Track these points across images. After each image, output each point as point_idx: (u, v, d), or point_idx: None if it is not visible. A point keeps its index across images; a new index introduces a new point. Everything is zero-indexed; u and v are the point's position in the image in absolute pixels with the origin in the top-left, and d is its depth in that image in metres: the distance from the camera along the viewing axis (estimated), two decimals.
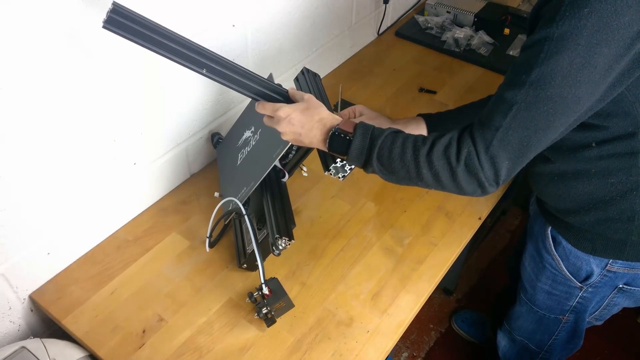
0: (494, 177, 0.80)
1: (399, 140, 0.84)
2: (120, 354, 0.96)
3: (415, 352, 1.85)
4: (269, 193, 1.03)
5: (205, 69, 0.85)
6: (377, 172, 0.88)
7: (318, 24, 1.47)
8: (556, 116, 0.77)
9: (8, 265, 0.98)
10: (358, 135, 0.86)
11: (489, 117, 0.79)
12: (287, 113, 0.89)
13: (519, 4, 1.86)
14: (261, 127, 1.03)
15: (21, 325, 1.07)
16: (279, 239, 0.92)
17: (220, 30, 1.15)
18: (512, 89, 0.77)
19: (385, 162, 0.85)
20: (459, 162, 0.80)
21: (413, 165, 0.83)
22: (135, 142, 1.10)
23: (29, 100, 0.86)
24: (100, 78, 0.95)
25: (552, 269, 1.10)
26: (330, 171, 0.94)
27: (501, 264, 2.08)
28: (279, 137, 0.93)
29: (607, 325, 1.92)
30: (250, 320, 1.01)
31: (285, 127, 0.89)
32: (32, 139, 0.90)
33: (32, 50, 0.82)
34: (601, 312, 1.16)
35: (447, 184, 0.82)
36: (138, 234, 1.16)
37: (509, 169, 0.80)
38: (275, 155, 0.96)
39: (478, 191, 0.82)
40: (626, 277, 1.03)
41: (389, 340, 0.99)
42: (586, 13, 0.70)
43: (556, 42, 0.72)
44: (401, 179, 0.87)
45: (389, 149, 0.84)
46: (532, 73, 0.74)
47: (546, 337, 1.28)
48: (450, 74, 1.65)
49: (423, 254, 1.13)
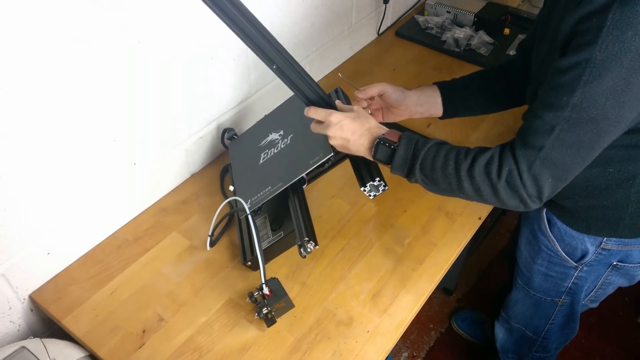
0: (537, 195, 0.82)
1: (442, 153, 0.87)
2: (120, 354, 0.96)
3: (415, 352, 1.85)
4: (296, 197, 1.04)
5: (276, 65, 0.87)
6: (419, 182, 0.90)
7: (318, 24, 1.47)
8: (600, 136, 0.78)
9: (8, 265, 0.98)
10: (402, 145, 0.89)
11: (530, 137, 0.80)
12: (339, 119, 0.92)
13: (519, 4, 1.86)
14: (294, 132, 1.06)
15: (21, 325, 1.07)
16: (308, 241, 0.94)
17: (220, 30, 1.15)
18: (553, 111, 0.77)
19: (428, 173, 0.88)
20: (499, 178, 0.82)
21: (455, 178, 0.85)
22: (135, 142, 1.10)
23: (29, 100, 0.86)
24: (100, 78, 0.95)
25: (547, 250, 1.12)
26: (365, 188, 0.97)
27: (501, 264, 2.08)
28: (316, 145, 0.98)
29: (607, 325, 1.93)
30: (250, 320, 1.01)
31: (336, 132, 0.92)
32: (32, 139, 0.90)
33: (32, 50, 0.82)
34: (596, 292, 1.19)
35: (489, 198, 0.85)
36: (138, 234, 1.16)
37: (552, 186, 0.82)
38: (313, 162, 0.99)
39: (521, 206, 0.85)
40: (620, 254, 1.06)
41: (389, 340, 0.99)
42: (630, 36, 0.70)
43: (599, 65, 0.72)
44: (443, 190, 0.89)
45: (431, 160, 0.87)
46: (574, 96, 0.75)
47: (543, 322, 1.30)
48: (450, 74, 1.65)
49: (423, 254, 1.13)
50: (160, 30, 1.01)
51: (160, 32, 1.01)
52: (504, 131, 1.43)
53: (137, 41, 0.98)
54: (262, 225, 1.08)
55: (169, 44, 1.05)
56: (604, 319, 1.96)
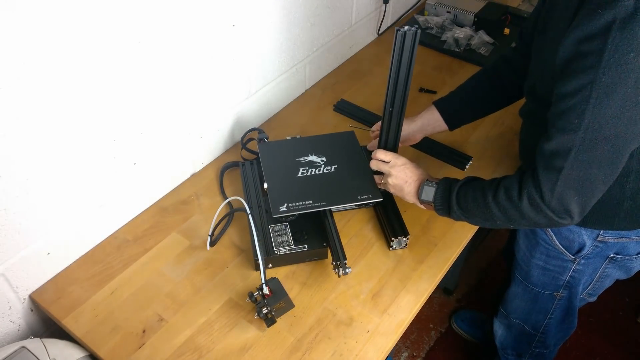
0: (565, 212, 0.86)
1: (471, 186, 0.96)
2: (120, 354, 0.96)
3: (415, 352, 1.85)
4: (331, 219, 1.11)
5: (392, 109, 1.06)
6: (462, 218, 0.98)
7: (318, 24, 1.47)
8: (618, 152, 0.80)
9: (8, 265, 0.98)
10: (441, 184, 1.00)
11: (550, 160, 0.84)
12: (404, 162, 1.07)
13: (519, 4, 1.87)
14: (338, 164, 1.19)
15: (21, 325, 1.07)
16: (346, 263, 1.01)
17: (221, 30, 1.15)
18: (566, 134, 0.80)
19: (464, 207, 0.96)
20: (520, 200, 0.88)
21: (484, 207, 0.93)
22: (135, 142, 1.10)
23: (29, 100, 0.86)
24: (101, 78, 0.95)
25: (545, 244, 1.15)
26: (392, 247, 1.13)
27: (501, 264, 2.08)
28: (366, 185, 1.14)
29: (607, 325, 1.93)
30: (250, 320, 1.01)
31: (399, 173, 1.06)
32: (32, 139, 0.90)
33: (31, 51, 0.82)
34: (594, 285, 1.21)
35: (520, 220, 0.90)
36: (138, 234, 1.16)
37: (580, 203, 0.85)
38: (361, 198, 1.13)
39: (552, 224, 0.89)
40: (616, 247, 1.09)
41: (389, 340, 0.99)
42: (632, 58, 0.72)
43: (605, 87, 0.74)
44: (481, 221, 0.97)
45: (464, 194, 0.96)
46: (584, 118, 0.77)
47: (541, 316, 1.32)
48: (450, 73, 1.65)
49: (423, 254, 1.13)
50: (160, 30, 1.01)
51: (160, 32, 1.01)
52: (504, 131, 1.43)
53: (137, 41, 0.98)
54: (282, 231, 1.11)
55: (169, 44, 1.05)
56: (604, 319, 1.96)
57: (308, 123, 1.46)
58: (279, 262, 1.09)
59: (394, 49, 0.97)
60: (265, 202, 1.16)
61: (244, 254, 1.12)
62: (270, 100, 1.45)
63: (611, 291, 1.31)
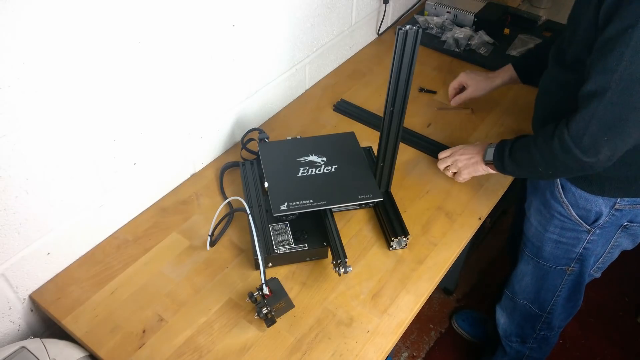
0: (592, 150, 0.91)
1: (523, 138, 1.07)
2: (120, 354, 0.96)
3: (415, 352, 1.85)
4: (331, 219, 1.12)
5: (392, 109, 1.10)
6: (515, 171, 1.10)
7: (318, 24, 1.47)
8: None
9: (8, 265, 0.98)
10: (498, 143, 1.13)
11: (586, 101, 0.89)
12: (461, 146, 1.24)
13: (519, 4, 1.87)
14: (339, 165, 1.21)
15: (21, 325, 1.07)
16: (346, 262, 1.02)
17: (221, 30, 1.15)
18: (604, 75, 0.84)
19: (513, 157, 1.07)
20: (552, 138, 0.96)
21: (527, 152, 1.03)
22: (135, 142, 1.10)
23: (29, 100, 0.86)
24: (101, 78, 0.95)
25: (560, 217, 1.17)
26: (392, 247, 1.13)
27: (501, 264, 2.08)
28: (367, 186, 1.15)
29: (607, 325, 1.93)
30: (250, 320, 1.01)
31: (462, 156, 1.20)
32: (32, 139, 0.90)
33: (31, 51, 0.82)
34: (604, 258, 1.23)
35: (551, 162, 0.98)
36: (138, 234, 1.16)
37: (610, 146, 0.90)
38: (362, 198, 1.14)
39: (580, 165, 0.94)
40: (630, 214, 1.12)
41: (389, 340, 0.99)
42: None
43: None
44: (526, 169, 1.07)
45: (518, 146, 1.07)
46: (622, 60, 0.82)
47: (549, 294, 1.33)
48: (450, 74, 1.65)
49: (423, 254, 1.13)
50: (160, 30, 1.01)
51: (160, 32, 1.01)
52: (504, 131, 1.43)
53: (137, 41, 0.98)
54: (282, 231, 1.11)
55: (169, 44, 1.05)
56: (604, 319, 1.96)
57: (308, 123, 1.46)
58: (279, 261, 1.09)
59: (396, 48, 0.98)
60: (265, 202, 1.16)
61: (244, 254, 1.12)
62: (270, 101, 1.45)
63: (611, 291, 1.31)
